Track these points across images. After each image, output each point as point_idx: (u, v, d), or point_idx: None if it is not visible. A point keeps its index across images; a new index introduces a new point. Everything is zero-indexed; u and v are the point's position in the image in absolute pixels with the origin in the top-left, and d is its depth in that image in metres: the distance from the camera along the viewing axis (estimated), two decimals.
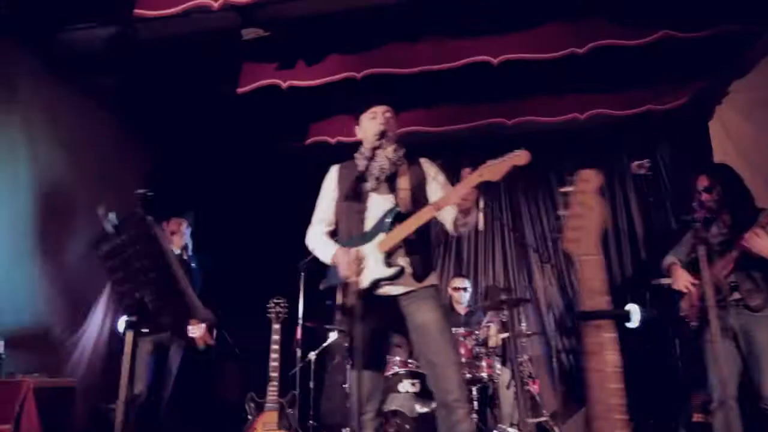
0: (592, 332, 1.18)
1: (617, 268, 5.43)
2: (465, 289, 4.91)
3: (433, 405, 3.74)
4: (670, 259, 3.35)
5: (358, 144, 2.65)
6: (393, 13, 4.06)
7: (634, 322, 4.79)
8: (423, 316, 2.35)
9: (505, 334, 4.22)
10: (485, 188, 5.82)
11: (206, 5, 3.53)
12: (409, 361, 4.06)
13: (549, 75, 4.45)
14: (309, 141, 5.31)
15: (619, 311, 3.27)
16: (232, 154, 5.33)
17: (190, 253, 3.70)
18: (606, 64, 4.31)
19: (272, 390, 3.57)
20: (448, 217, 2.48)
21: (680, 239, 3.35)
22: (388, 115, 2.55)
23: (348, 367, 2.41)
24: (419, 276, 2.39)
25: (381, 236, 2.38)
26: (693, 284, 3.08)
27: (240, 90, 4.43)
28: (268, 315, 3.85)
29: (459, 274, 5.12)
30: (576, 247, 1.20)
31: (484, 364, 4.10)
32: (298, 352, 4.47)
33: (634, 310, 4.85)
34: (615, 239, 5.50)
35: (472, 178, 2.26)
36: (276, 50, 4.34)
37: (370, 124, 2.52)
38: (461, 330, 4.11)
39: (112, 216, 1.93)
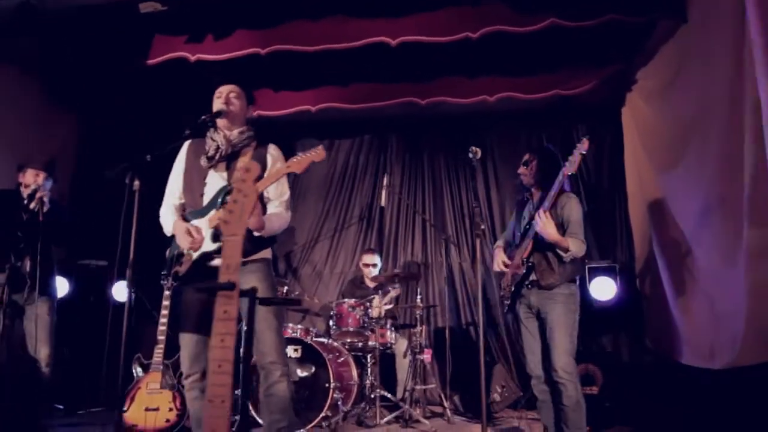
0: (223, 301, 1.36)
1: None
2: (374, 265, 5.11)
3: (313, 369, 3.97)
4: (498, 241, 3.55)
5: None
6: None
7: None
8: (245, 284, 2.51)
9: (389, 306, 4.43)
10: (408, 162, 5.97)
11: None
12: (290, 326, 4.27)
13: (453, 57, 4.57)
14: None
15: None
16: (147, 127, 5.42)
17: (47, 206, 3.44)
18: (505, 49, 4.43)
19: (158, 352, 3.76)
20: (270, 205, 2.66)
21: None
22: (232, 95, 2.67)
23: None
24: (246, 251, 2.54)
25: (213, 212, 2.53)
26: (506, 265, 3.27)
27: (150, 61, 4.53)
28: (162, 282, 4.02)
29: (370, 249, 5.32)
30: (225, 228, 1.36)
31: (375, 333, 4.33)
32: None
33: None
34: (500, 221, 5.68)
35: (277, 170, 2.44)
36: (184, 23, 4.42)
37: (214, 103, 2.64)
38: (352, 301, 4.33)
39: None
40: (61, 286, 5.05)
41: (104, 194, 5.53)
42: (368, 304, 4.33)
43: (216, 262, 2.53)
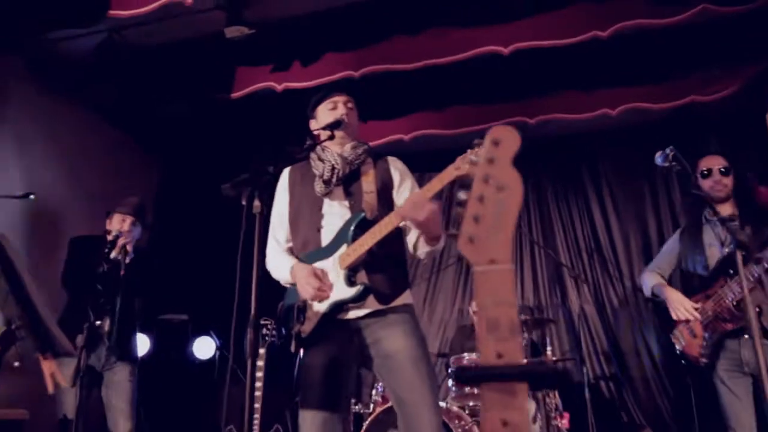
0: (497, 401, 0.69)
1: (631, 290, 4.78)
2: None
3: None
4: (652, 277, 2.80)
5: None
6: (390, 5, 3.71)
7: None
8: (392, 343, 1.92)
9: (524, 361, 3.68)
10: None
11: (180, 1, 3.27)
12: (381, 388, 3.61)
13: (572, 65, 3.96)
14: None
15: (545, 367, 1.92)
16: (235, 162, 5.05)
17: (131, 256, 3.06)
18: (636, 51, 3.78)
19: (255, 424, 3.19)
20: (411, 233, 2.06)
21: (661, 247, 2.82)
22: (350, 105, 2.16)
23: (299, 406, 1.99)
24: (384, 296, 1.96)
25: (343, 249, 1.97)
26: (696, 309, 2.52)
27: (234, 95, 4.18)
28: (267, 339, 3.50)
29: None
30: (473, 251, 0.74)
31: None
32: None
33: None
34: (626, 256, 4.84)
35: (445, 173, 1.82)
36: (270, 52, 4.07)
37: (327, 115, 2.12)
38: (474, 356, 3.62)
39: None
40: (143, 344, 4.64)
41: (183, 242, 5.25)
42: None
43: (354, 314, 1.95)
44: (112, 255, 2.95)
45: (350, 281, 1.93)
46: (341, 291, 1.92)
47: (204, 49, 4.07)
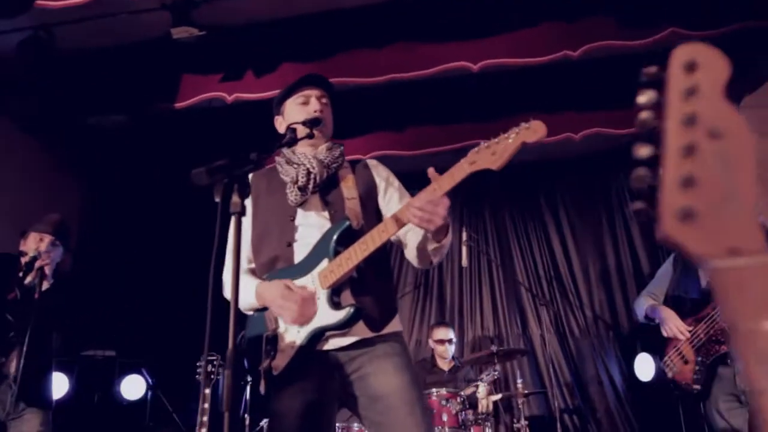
0: None
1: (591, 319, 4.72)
2: (450, 341, 4.13)
3: None
4: (646, 300, 2.69)
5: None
6: (354, 16, 3.50)
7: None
8: (382, 382, 1.59)
9: (498, 396, 3.43)
10: (467, 218, 5.24)
11: None
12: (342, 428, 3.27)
13: (540, 86, 3.87)
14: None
15: None
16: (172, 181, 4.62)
17: (50, 281, 2.63)
18: (604, 73, 3.73)
19: None
20: (411, 239, 1.76)
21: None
22: (324, 101, 1.86)
23: None
24: (374, 321, 1.65)
25: (324, 264, 1.64)
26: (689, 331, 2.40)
27: (179, 105, 3.79)
28: (197, 377, 3.06)
29: (441, 322, 4.35)
30: (696, 235, 0.45)
31: None
32: (247, 419, 3.68)
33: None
34: (619, 279, 4.80)
35: (458, 168, 1.53)
36: (220, 59, 3.73)
37: (299, 110, 1.81)
38: (444, 391, 3.32)
39: None
40: (60, 385, 4.03)
41: (108, 268, 4.68)
42: (463, 395, 3.33)
43: (335, 343, 1.61)
44: (27, 280, 2.46)
45: (334, 303, 1.60)
46: (325, 315, 1.59)
47: (146, 53, 3.69)
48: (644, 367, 4.14)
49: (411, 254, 1.77)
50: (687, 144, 0.48)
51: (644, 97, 0.52)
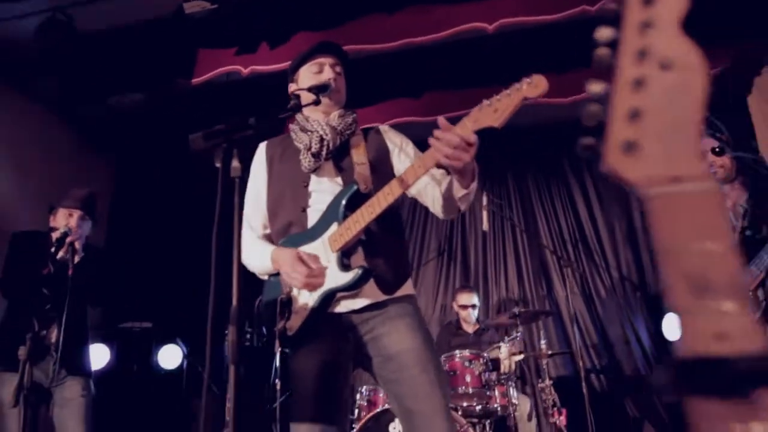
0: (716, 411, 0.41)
1: (618, 279, 4.66)
2: (473, 306, 4.15)
3: None
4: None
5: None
6: None
7: None
8: (397, 342, 1.63)
9: (520, 356, 3.46)
10: (488, 182, 5.21)
11: None
12: (365, 392, 3.35)
13: (557, 45, 3.76)
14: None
15: None
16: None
17: (81, 255, 2.66)
18: None
19: None
20: (430, 192, 1.76)
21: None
22: (338, 69, 1.86)
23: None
24: (388, 283, 1.68)
25: (333, 228, 1.67)
26: None
27: (196, 80, 3.84)
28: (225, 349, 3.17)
29: (465, 287, 4.38)
30: (634, 165, 0.46)
31: (496, 393, 3.35)
32: (278, 384, 3.80)
33: None
34: (645, 238, 4.72)
35: (460, 127, 1.51)
36: (234, 32, 3.74)
37: (310, 78, 1.82)
38: (467, 353, 3.36)
39: None
40: (101, 356, 4.23)
41: (140, 243, 4.83)
42: (486, 356, 3.37)
43: (347, 306, 1.66)
44: (59, 255, 2.57)
45: (344, 265, 1.64)
46: (334, 277, 1.63)
47: (161, 30, 3.72)
48: (673, 326, 4.10)
49: (436, 205, 1.76)
50: (637, 77, 0.48)
51: (600, 34, 0.52)
